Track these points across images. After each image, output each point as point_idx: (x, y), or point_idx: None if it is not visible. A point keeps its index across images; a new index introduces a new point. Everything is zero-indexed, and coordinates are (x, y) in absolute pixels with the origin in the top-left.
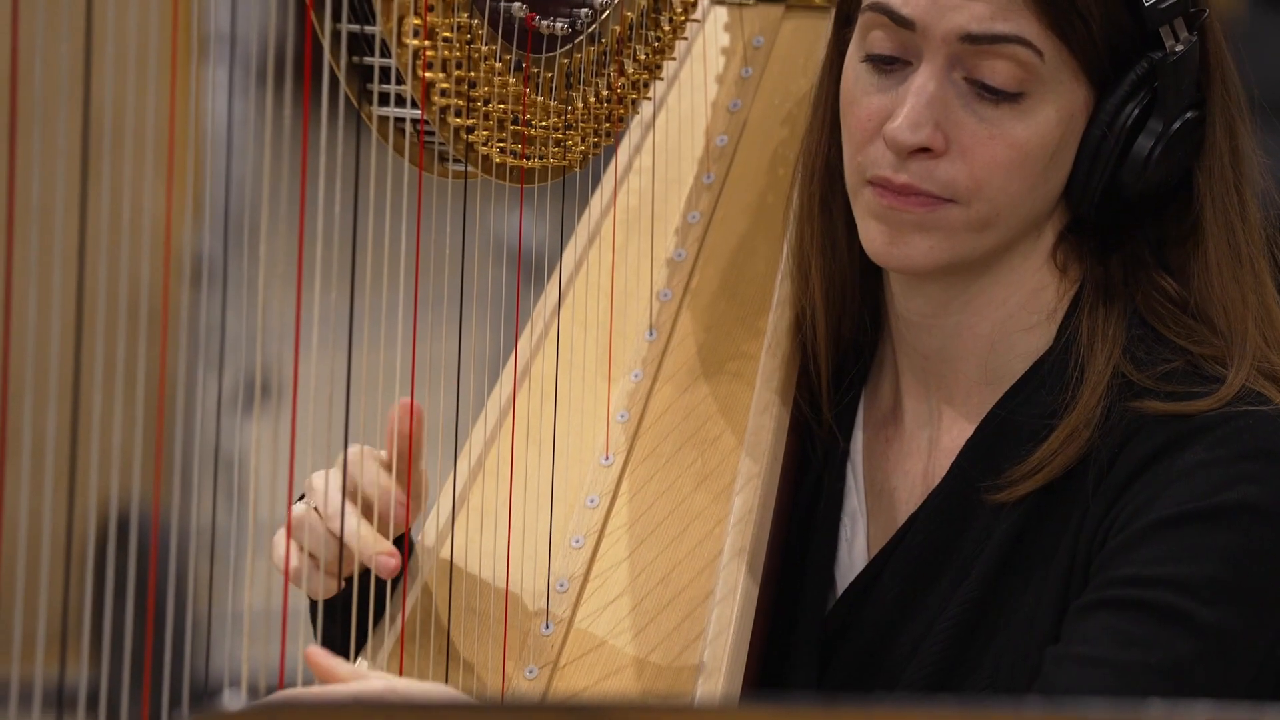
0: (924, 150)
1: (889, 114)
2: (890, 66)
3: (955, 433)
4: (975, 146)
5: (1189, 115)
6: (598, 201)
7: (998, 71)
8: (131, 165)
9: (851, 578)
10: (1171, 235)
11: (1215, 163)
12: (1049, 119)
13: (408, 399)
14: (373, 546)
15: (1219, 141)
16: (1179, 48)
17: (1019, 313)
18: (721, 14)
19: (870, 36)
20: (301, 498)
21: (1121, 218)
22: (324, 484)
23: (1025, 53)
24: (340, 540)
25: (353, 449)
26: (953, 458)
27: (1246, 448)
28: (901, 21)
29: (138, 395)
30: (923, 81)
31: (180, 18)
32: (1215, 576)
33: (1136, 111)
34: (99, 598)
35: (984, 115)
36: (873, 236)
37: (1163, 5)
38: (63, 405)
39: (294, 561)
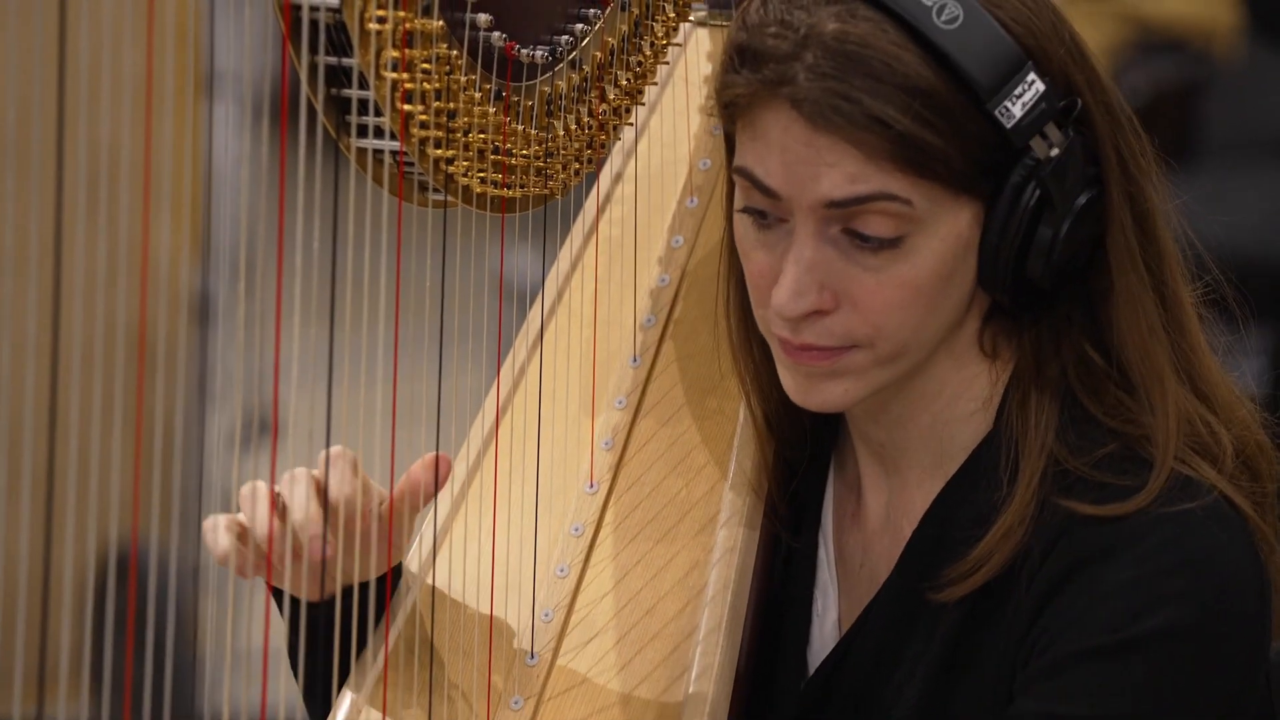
0: (816, 312)
1: (776, 274)
2: (767, 222)
3: (910, 518)
4: (865, 296)
5: (1082, 201)
6: (580, 229)
7: (870, 225)
8: (129, 202)
9: (824, 654)
10: (1098, 295)
11: (1119, 236)
12: (935, 250)
13: (443, 454)
14: (312, 525)
15: (1119, 214)
16: (1054, 152)
17: (954, 403)
18: (703, 37)
19: (744, 192)
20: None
21: (1038, 298)
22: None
23: (893, 205)
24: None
25: (336, 449)
26: (900, 552)
27: (1171, 561)
28: (765, 191)
29: (126, 431)
30: (799, 248)
31: (167, 55)
32: (1129, 715)
33: (1027, 212)
34: (99, 634)
35: (867, 264)
36: (789, 385)
37: (1026, 122)
38: (50, 442)
39: (225, 541)
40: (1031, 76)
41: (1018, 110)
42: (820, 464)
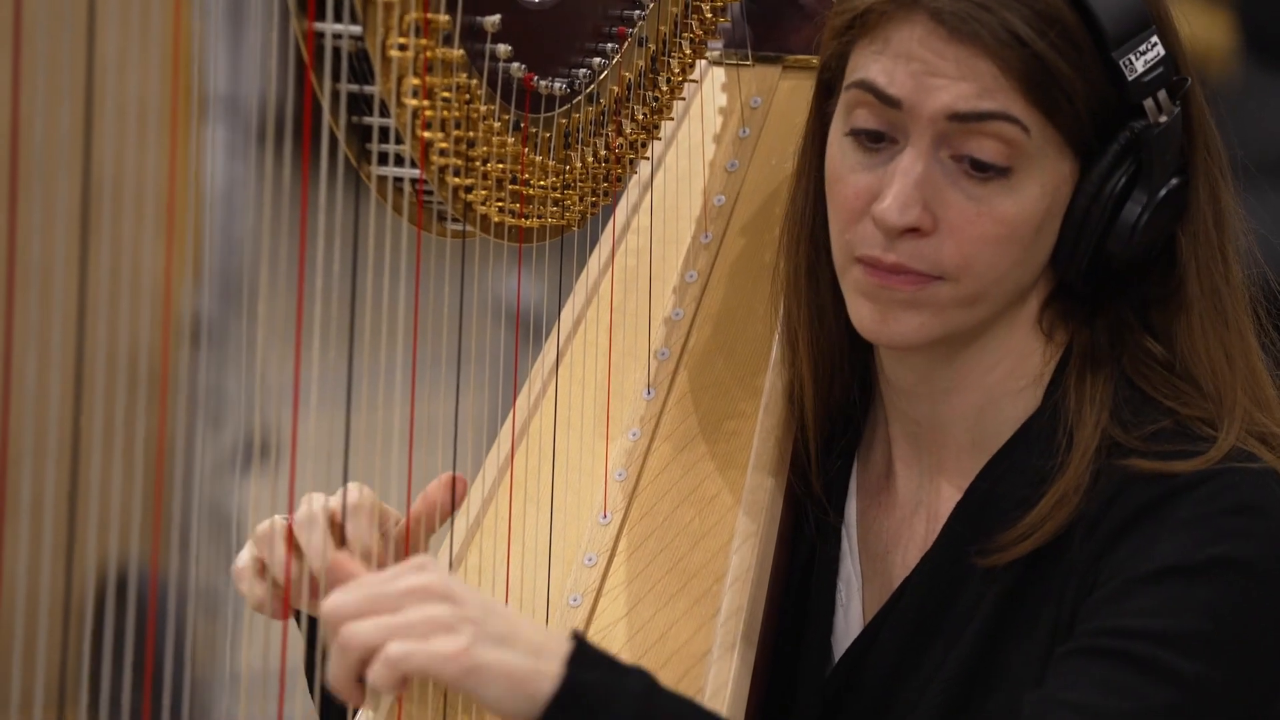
0: (913, 230)
1: (875, 193)
2: (876, 144)
3: (947, 498)
4: (963, 225)
5: (1173, 182)
6: (596, 261)
7: (984, 149)
8: (132, 226)
9: (848, 643)
10: (1156, 298)
11: (1199, 227)
12: (1035, 193)
13: (459, 474)
14: (323, 556)
15: (1203, 206)
16: (1163, 118)
17: (1006, 379)
18: (719, 74)
19: (855, 113)
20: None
21: (1107, 283)
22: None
23: (1011, 129)
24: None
25: (353, 486)
26: (944, 522)
27: (1232, 503)
28: (887, 100)
29: (137, 454)
30: (910, 162)
31: (180, 79)
32: (1198, 630)
33: (1122, 181)
34: (97, 657)
35: (971, 193)
36: (862, 314)
37: (1146, 79)
38: (62, 464)
39: (259, 591)
40: (1155, 40)
41: (1140, 65)
42: (845, 453)
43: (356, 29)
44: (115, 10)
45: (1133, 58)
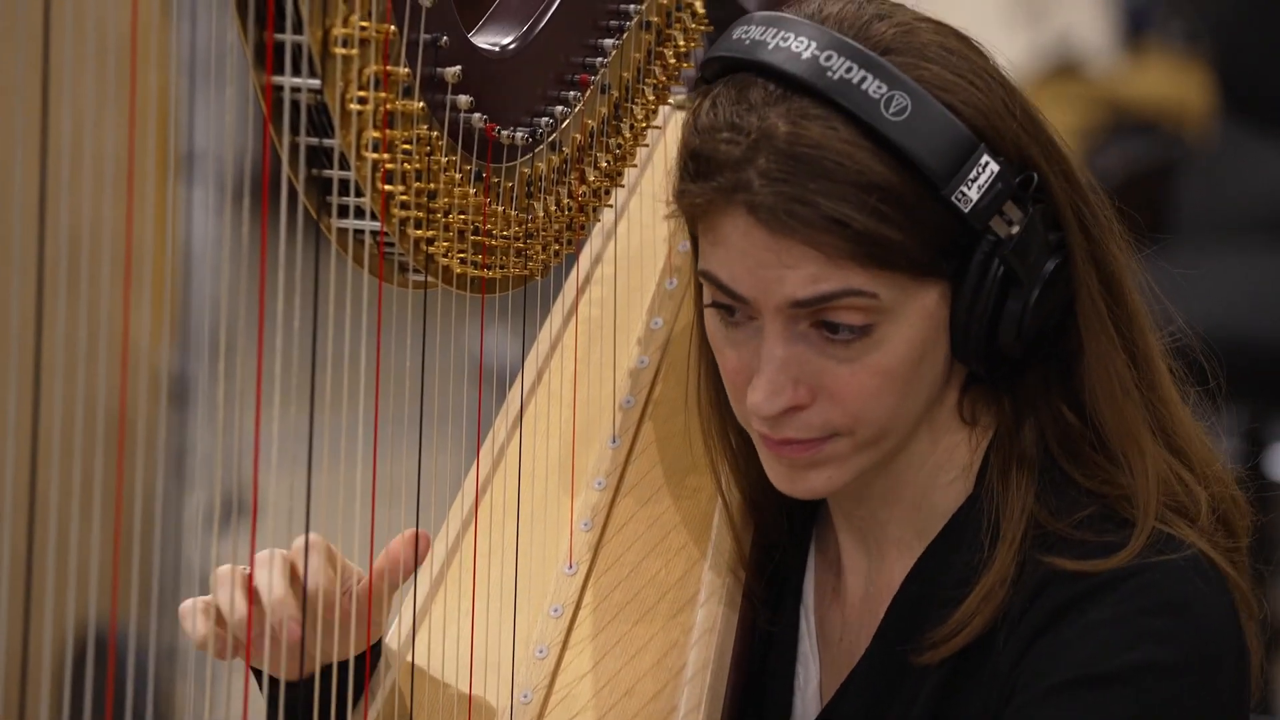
0: (794, 407)
1: (749, 371)
2: (736, 319)
3: (890, 590)
4: (840, 387)
5: (1049, 268)
6: (560, 310)
7: (840, 317)
8: (106, 283)
9: None
10: (1072, 355)
11: (1086, 301)
12: (905, 336)
13: (423, 530)
14: (281, 608)
15: (1085, 278)
16: (1015, 229)
17: (936, 473)
18: (682, 120)
19: (713, 292)
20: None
21: (1014, 364)
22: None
23: (859, 300)
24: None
25: (314, 537)
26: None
27: (1150, 603)
28: (733, 295)
29: (95, 513)
30: (770, 347)
31: (144, 136)
32: None
33: (993, 288)
34: (76, 716)
35: (839, 356)
36: (774, 475)
37: (984, 204)
38: (28, 523)
39: (202, 626)
40: (985, 158)
41: (974, 193)
42: (801, 541)
43: (315, 82)
44: (80, 66)
45: (965, 189)
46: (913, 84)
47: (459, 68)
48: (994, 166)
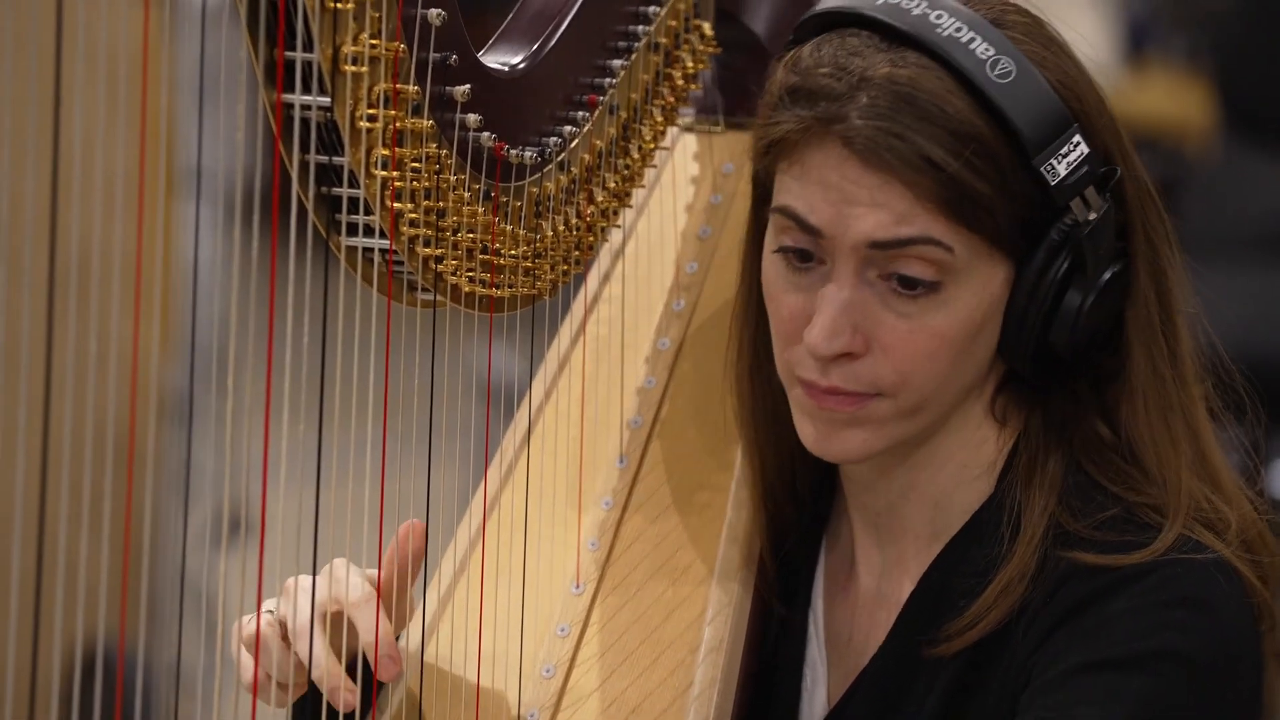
0: (846, 354)
1: (808, 315)
2: (806, 264)
3: (905, 586)
4: (896, 343)
5: (1112, 270)
6: (567, 330)
7: (911, 268)
8: (116, 301)
9: None
10: (1108, 375)
11: (1142, 309)
12: (968, 304)
13: (416, 520)
14: (331, 679)
15: (1144, 289)
16: (1092, 215)
17: (960, 469)
18: (691, 142)
19: (782, 235)
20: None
21: (1057, 368)
22: (294, 589)
23: (935, 250)
24: (300, 661)
25: (338, 561)
26: (899, 612)
27: (1173, 596)
28: (808, 229)
29: (105, 530)
30: (835, 289)
31: (152, 153)
32: None
33: (1058, 276)
34: None
35: (902, 310)
36: (806, 432)
37: (1070, 181)
38: (38, 539)
39: (249, 676)
40: (1077, 139)
41: (1062, 169)
42: (813, 536)
43: (325, 100)
44: (90, 84)
45: (1054, 162)
46: (1019, 53)
47: (468, 86)
48: (1084, 148)
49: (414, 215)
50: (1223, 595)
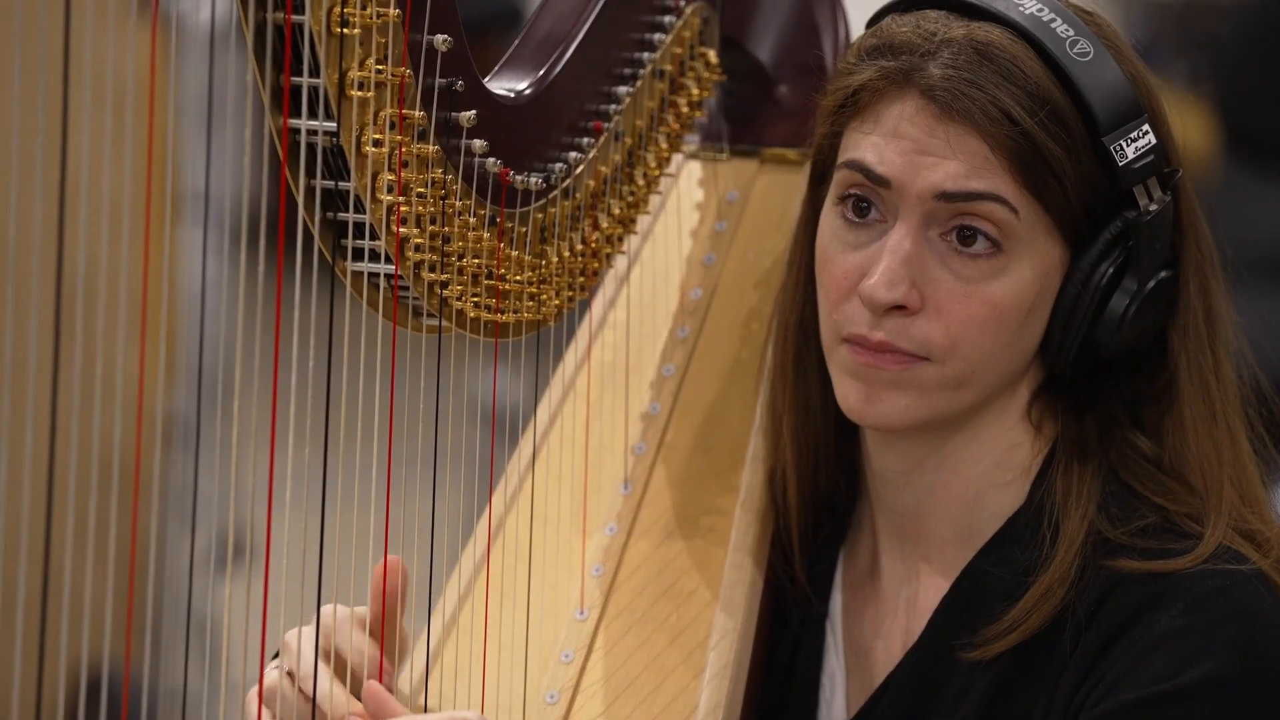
0: (899, 308)
1: (864, 272)
2: (865, 221)
3: (932, 591)
4: (951, 304)
5: (1163, 275)
6: (572, 355)
7: (977, 225)
8: (121, 326)
9: None
10: (1146, 393)
11: (1189, 321)
12: (1024, 276)
13: (393, 556)
14: (338, 708)
15: (1193, 301)
16: (1153, 207)
17: (993, 470)
18: (695, 169)
19: (846, 191)
20: (275, 656)
21: (1096, 376)
22: (297, 643)
23: (1001, 210)
24: (314, 703)
25: (327, 609)
26: (929, 616)
27: (1223, 611)
28: (877, 180)
29: (110, 555)
30: (898, 239)
31: (156, 177)
32: None
33: (1111, 270)
34: None
35: (960, 273)
36: (848, 393)
37: (1136, 166)
38: (34, 566)
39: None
40: (1146, 128)
41: (1130, 153)
42: (831, 545)
43: (331, 125)
44: (90, 109)
45: (1123, 144)
46: (1097, 40)
47: (474, 112)
48: (1153, 138)
49: (419, 240)
50: (1266, 606)
